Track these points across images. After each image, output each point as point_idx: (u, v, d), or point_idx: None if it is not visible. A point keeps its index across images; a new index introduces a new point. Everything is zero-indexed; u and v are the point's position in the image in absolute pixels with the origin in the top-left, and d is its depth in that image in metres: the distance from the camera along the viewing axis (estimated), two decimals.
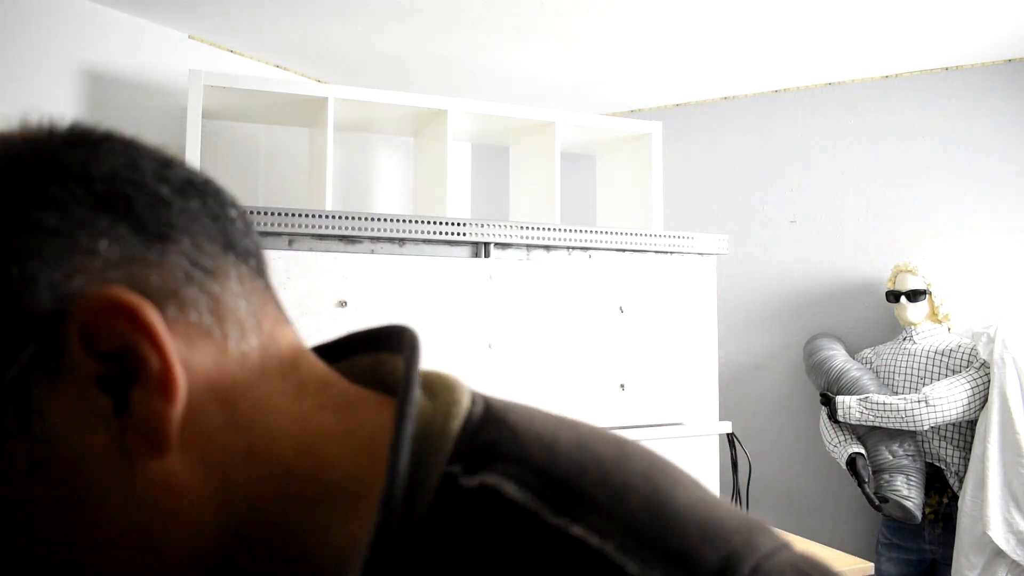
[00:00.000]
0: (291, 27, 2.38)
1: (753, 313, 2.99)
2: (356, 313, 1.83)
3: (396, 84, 2.85)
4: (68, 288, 0.31)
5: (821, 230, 2.91)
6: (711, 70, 2.76)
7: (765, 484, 2.80)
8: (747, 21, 2.32)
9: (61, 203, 0.33)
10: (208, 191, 0.39)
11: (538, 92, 2.97)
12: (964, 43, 2.51)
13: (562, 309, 2.06)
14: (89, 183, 0.34)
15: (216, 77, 2.03)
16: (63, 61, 2.14)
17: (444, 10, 2.25)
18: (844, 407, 2.40)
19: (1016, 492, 2.12)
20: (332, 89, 2.17)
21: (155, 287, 0.33)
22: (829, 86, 2.92)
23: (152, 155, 0.40)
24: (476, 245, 2.03)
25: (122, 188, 0.35)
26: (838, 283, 2.87)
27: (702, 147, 3.12)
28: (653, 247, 2.21)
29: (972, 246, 2.66)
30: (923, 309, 2.48)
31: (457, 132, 2.55)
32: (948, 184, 2.72)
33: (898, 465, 2.34)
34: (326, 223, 1.84)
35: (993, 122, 2.66)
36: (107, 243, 0.33)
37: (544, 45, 2.51)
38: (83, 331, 0.31)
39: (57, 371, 0.31)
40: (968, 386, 2.27)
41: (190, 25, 2.37)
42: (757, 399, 2.97)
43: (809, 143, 2.95)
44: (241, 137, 2.59)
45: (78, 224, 0.32)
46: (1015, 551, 2.10)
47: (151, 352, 0.32)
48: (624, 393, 2.11)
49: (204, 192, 0.39)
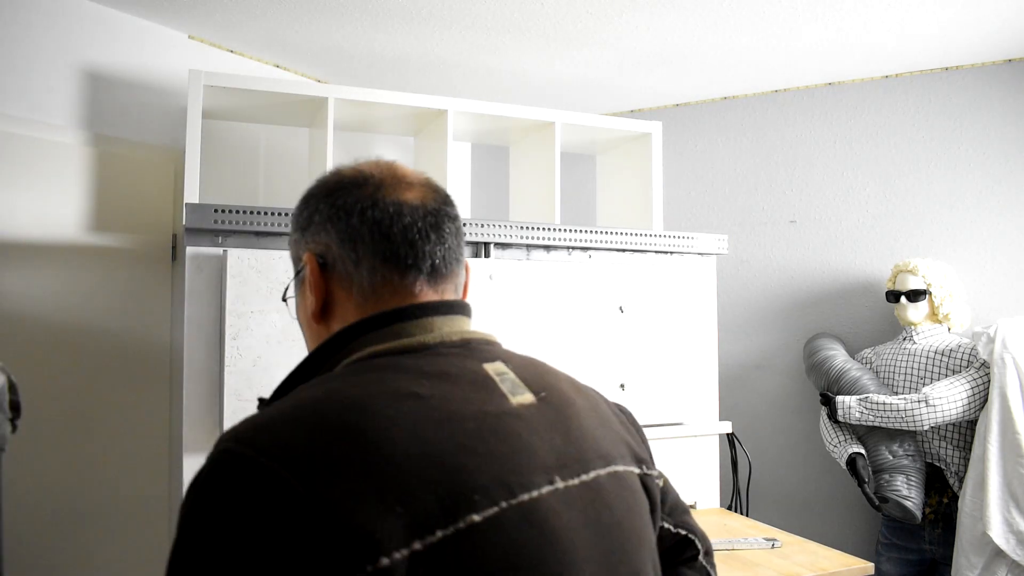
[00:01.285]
0: (291, 27, 2.38)
1: (753, 313, 3.00)
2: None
3: (396, 84, 2.85)
4: (308, 248, 0.80)
5: (821, 230, 2.91)
6: (711, 70, 2.76)
7: (765, 484, 2.80)
8: (747, 21, 2.32)
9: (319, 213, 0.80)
10: (393, 232, 0.77)
11: (538, 92, 2.97)
12: (964, 43, 2.51)
13: (562, 309, 2.06)
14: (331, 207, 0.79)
15: (216, 77, 2.03)
16: (63, 61, 2.14)
17: (444, 10, 2.25)
18: (844, 407, 2.40)
19: (1016, 492, 2.12)
20: (332, 89, 2.17)
21: (329, 259, 0.78)
22: (829, 86, 2.92)
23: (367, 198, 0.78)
24: (476, 245, 2.03)
25: (339, 214, 0.78)
26: (838, 283, 2.88)
27: (702, 147, 3.12)
28: (653, 247, 2.21)
29: (972, 246, 2.66)
30: (923, 309, 2.48)
31: (457, 132, 2.55)
32: (948, 184, 2.72)
33: (898, 465, 2.34)
34: None
35: (993, 122, 2.67)
36: (322, 235, 0.79)
37: (544, 45, 2.51)
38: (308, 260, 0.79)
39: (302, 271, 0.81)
40: (968, 386, 2.27)
41: (190, 25, 2.37)
42: (757, 399, 2.97)
43: (809, 143, 2.95)
44: (241, 137, 2.59)
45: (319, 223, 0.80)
46: (1015, 551, 2.10)
47: (311, 274, 0.79)
48: (624, 393, 2.11)
49: (390, 233, 0.77)
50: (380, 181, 0.79)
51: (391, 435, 0.60)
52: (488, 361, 0.73)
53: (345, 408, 0.62)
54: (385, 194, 0.78)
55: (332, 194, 0.79)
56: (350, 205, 0.77)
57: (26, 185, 2.05)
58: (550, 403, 0.72)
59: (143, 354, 2.27)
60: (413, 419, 0.62)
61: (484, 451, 0.63)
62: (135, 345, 2.24)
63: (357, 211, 0.77)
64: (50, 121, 2.11)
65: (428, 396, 0.65)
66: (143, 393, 2.26)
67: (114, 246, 2.22)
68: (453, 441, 0.62)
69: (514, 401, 0.70)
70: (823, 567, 1.68)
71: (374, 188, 0.78)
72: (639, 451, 0.81)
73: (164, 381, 2.32)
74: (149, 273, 2.30)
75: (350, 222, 0.77)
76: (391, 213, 0.76)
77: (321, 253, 0.78)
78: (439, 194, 0.82)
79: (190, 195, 1.96)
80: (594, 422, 0.76)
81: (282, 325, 1.77)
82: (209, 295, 1.77)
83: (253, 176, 2.64)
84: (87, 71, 2.20)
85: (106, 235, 2.21)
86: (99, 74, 2.23)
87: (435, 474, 0.59)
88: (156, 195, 2.34)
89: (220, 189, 2.48)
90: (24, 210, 2.04)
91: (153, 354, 2.29)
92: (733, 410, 2.86)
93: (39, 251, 2.07)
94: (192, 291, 1.76)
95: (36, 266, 2.06)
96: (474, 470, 0.61)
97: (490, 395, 0.69)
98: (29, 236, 2.05)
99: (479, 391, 0.69)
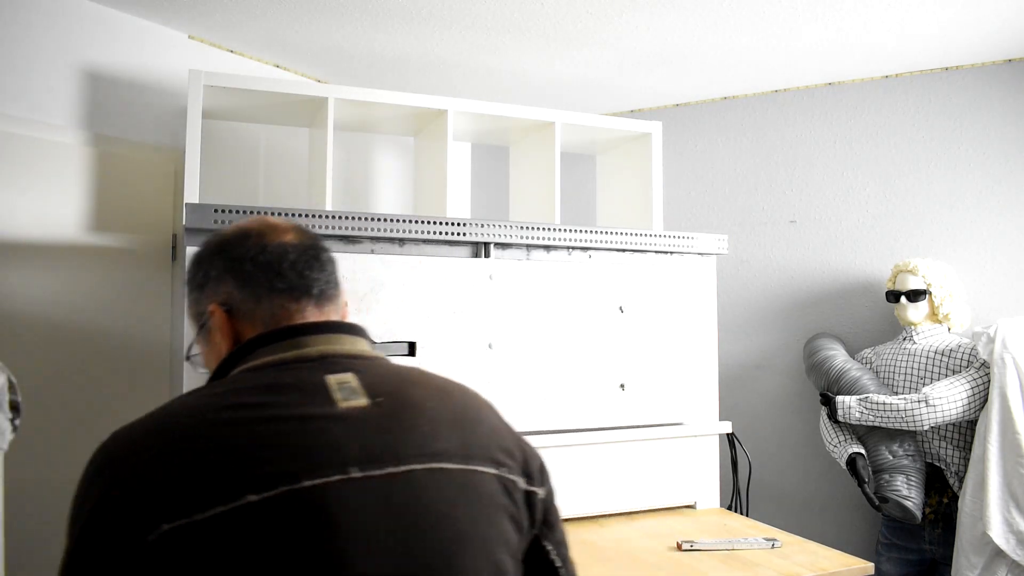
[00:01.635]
0: (291, 27, 2.38)
1: (753, 313, 3.00)
2: (356, 313, 1.83)
3: (396, 84, 2.85)
4: (210, 301, 0.93)
5: (821, 230, 2.91)
6: (711, 70, 2.76)
7: (765, 484, 2.80)
8: (747, 21, 2.32)
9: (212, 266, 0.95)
10: (281, 267, 0.93)
11: (538, 92, 2.98)
12: (964, 43, 2.51)
13: (562, 309, 2.06)
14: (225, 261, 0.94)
15: (216, 77, 2.03)
16: (63, 61, 2.14)
17: (444, 10, 2.25)
18: (844, 407, 2.40)
19: (1016, 492, 2.12)
20: (332, 89, 2.17)
21: (233, 304, 0.92)
22: (829, 86, 2.92)
23: (255, 246, 0.93)
24: (476, 245, 2.03)
25: (234, 264, 0.92)
26: (838, 283, 2.88)
27: (702, 147, 3.12)
28: (653, 247, 2.21)
29: (972, 246, 2.66)
30: (923, 309, 2.48)
31: (457, 132, 2.55)
32: (948, 184, 2.72)
33: (898, 465, 2.34)
34: (326, 223, 1.84)
35: (993, 122, 2.67)
36: (221, 286, 0.93)
37: (544, 45, 2.51)
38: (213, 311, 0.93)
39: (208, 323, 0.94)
40: (968, 386, 2.27)
41: (190, 25, 2.37)
42: (757, 399, 2.97)
43: (809, 143, 2.95)
44: (241, 137, 2.59)
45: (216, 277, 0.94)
46: (1015, 551, 2.10)
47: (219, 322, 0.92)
48: (624, 393, 2.11)
49: (279, 268, 0.92)
50: (260, 232, 0.95)
51: (201, 432, 0.74)
52: (336, 372, 0.84)
53: (179, 413, 0.78)
54: (268, 240, 0.93)
55: (223, 251, 0.94)
56: (242, 255, 0.92)
57: (26, 185, 2.05)
58: (384, 406, 0.82)
59: (143, 354, 2.27)
60: (227, 421, 0.75)
61: (282, 445, 0.74)
62: (135, 345, 2.24)
63: (249, 258, 0.92)
64: (50, 121, 2.11)
65: (254, 404, 0.78)
66: (143, 393, 2.26)
67: (114, 246, 2.22)
68: (255, 438, 0.74)
69: (342, 405, 0.80)
70: (823, 567, 1.68)
71: (257, 237, 0.94)
72: (509, 458, 0.88)
73: (164, 381, 2.32)
74: (149, 273, 2.30)
75: (244, 268, 0.91)
76: (278, 253, 0.92)
77: (224, 301, 0.92)
78: (310, 234, 0.99)
79: (190, 195, 1.96)
80: (437, 424, 0.84)
81: None
82: None
83: (253, 176, 2.64)
84: (87, 71, 2.20)
85: (106, 235, 2.21)
86: (99, 74, 2.23)
87: (228, 463, 0.71)
88: (156, 195, 2.34)
89: (220, 189, 2.48)
90: (24, 210, 2.05)
91: (153, 354, 2.29)
92: (733, 410, 2.86)
93: (39, 251, 2.07)
94: None
95: (36, 266, 2.06)
96: (266, 461, 0.72)
97: (317, 401, 0.80)
98: (29, 236, 2.05)
99: (307, 397, 0.80)
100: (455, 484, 0.81)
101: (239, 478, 0.71)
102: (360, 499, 0.75)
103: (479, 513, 0.82)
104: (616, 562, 1.74)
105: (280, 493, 0.71)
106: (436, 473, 0.80)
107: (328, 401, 0.80)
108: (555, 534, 0.94)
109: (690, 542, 1.83)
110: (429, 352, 1.90)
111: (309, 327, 0.89)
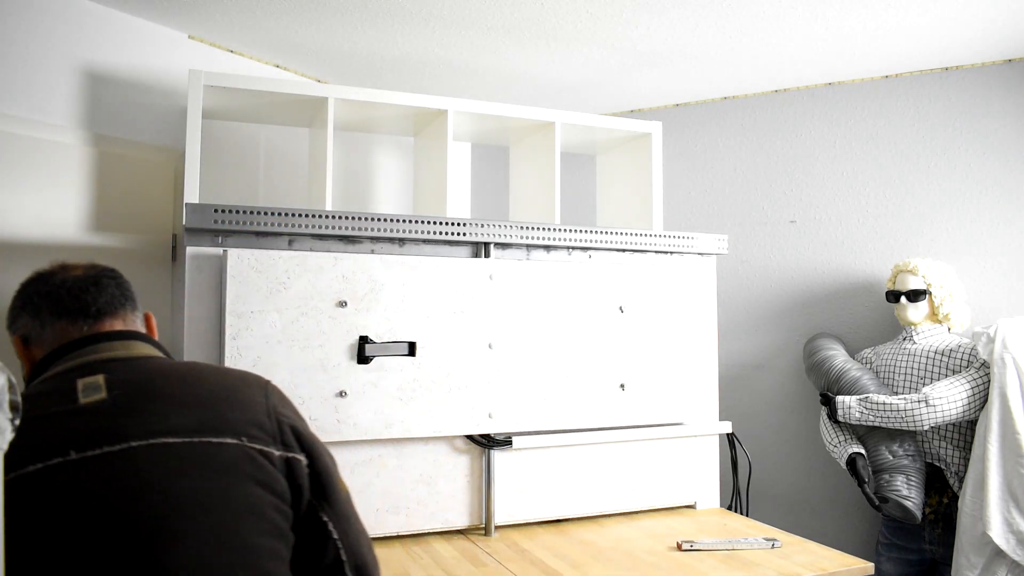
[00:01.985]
0: (291, 27, 2.38)
1: (753, 313, 3.00)
2: (356, 313, 1.84)
3: (396, 84, 2.85)
4: (13, 335, 1.16)
5: (821, 230, 2.91)
6: (711, 70, 2.76)
7: (765, 484, 2.80)
8: (747, 21, 2.32)
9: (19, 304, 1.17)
10: (60, 294, 1.13)
11: (538, 92, 2.97)
12: (964, 43, 2.51)
13: (562, 309, 2.06)
14: (21, 299, 1.16)
15: (216, 77, 2.03)
16: (63, 61, 2.14)
17: (444, 10, 2.25)
18: (844, 407, 2.40)
19: (1016, 492, 2.12)
20: (332, 89, 2.17)
21: (29, 335, 1.13)
22: (829, 86, 2.92)
23: (44, 283, 1.15)
24: (476, 245, 2.03)
25: (26, 301, 1.15)
26: (838, 283, 2.88)
27: (702, 147, 3.12)
28: (653, 247, 2.21)
29: (972, 246, 2.66)
30: (923, 309, 2.48)
31: (457, 132, 2.55)
32: (948, 184, 2.72)
33: (898, 465, 2.34)
34: (326, 223, 1.84)
35: (993, 122, 2.67)
36: (20, 321, 1.15)
37: (544, 45, 2.51)
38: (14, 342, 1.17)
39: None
40: (968, 386, 2.27)
41: (190, 25, 2.37)
42: (757, 399, 2.97)
43: (809, 143, 2.95)
44: (241, 137, 2.59)
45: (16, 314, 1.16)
46: (1015, 551, 2.10)
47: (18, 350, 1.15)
48: (624, 393, 2.11)
49: (58, 296, 1.12)
50: (52, 271, 1.17)
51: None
52: (87, 376, 1.01)
53: None
54: (56, 276, 1.15)
55: (22, 292, 1.16)
56: (32, 292, 1.14)
57: (26, 185, 2.05)
58: (119, 398, 0.99)
59: None
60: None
61: (30, 438, 0.89)
62: None
63: (37, 293, 1.13)
64: (50, 121, 2.11)
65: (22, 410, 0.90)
66: None
67: (114, 246, 2.22)
68: (18, 435, 0.80)
69: (82, 401, 0.97)
70: (823, 567, 1.68)
71: (48, 275, 1.16)
72: (259, 430, 1.02)
73: None
74: (149, 273, 2.30)
75: (33, 302, 1.13)
76: (58, 285, 1.14)
77: (23, 334, 1.13)
78: (99, 267, 1.20)
79: (190, 195, 1.96)
80: (171, 406, 0.99)
81: (282, 325, 1.77)
82: (209, 295, 1.77)
83: (253, 176, 2.64)
84: (87, 71, 2.20)
85: (106, 235, 2.21)
86: (99, 74, 2.23)
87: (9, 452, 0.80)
88: (156, 195, 2.34)
89: (220, 189, 2.48)
90: (24, 210, 2.05)
91: None
92: (733, 410, 2.86)
93: (39, 251, 2.06)
94: (192, 291, 1.76)
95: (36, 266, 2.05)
96: (22, 448, 0.85)
97: (62, 402, 0.97)
98: (29, 236, 2.05)
99: (54, 400, 0.98)
100: (180, 456, 0.96)
101: (9, 463, 0.87)
102: (76, 477, 0.90)
103: (213, 480, 0.95)
104: (616, 562, 1.74)
105: (15, 476, 0.88)
106: (157, 448, 0.95)
107: (71, 400, 0.97)
108: (334, 507, 1.06)
109: (690, 542, 1.83)
110: (429, 352, 1.90)
111: (78, 342, 1.08)
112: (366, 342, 1.83)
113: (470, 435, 1.97)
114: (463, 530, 1.99)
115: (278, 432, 1.03)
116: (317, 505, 1.04)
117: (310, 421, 1.77)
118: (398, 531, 1.90)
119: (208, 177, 2.38)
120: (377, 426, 1.84)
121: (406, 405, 1.87)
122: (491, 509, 1.98)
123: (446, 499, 1.95)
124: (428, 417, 1.89)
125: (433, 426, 1.90)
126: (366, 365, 1.83)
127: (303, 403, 1.77)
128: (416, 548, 1.85)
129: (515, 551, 1.83)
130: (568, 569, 1.68)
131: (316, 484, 1.04)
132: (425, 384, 1.89)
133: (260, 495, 0.97)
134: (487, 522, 1.98)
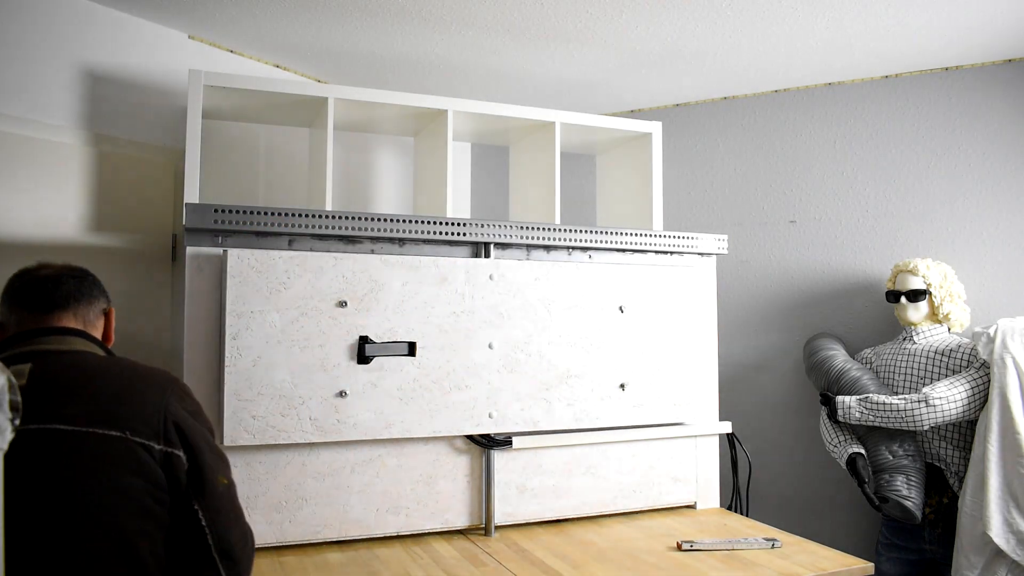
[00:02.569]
0: (291, 27, 2.38)
1: (753, 313, 3.00)
2: (356, 313, 1.84)
3: (396, 84, 2.85)
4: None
5: (821, 230, 2.91)
6: (711, 70, 2.76)
7: (765, 484, 2.80)
8: (747, 21, 2.32)
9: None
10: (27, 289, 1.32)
11: (538, 92, 2.98)
12: (964, 43, 2.51)
13: (562, 309, 2.06)
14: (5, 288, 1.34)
15: (216, 77, 2.03)
16: (63, 61, 2.14)
17: (444, 10, 2.25)
18: (844, 407, 2.40)
19: (1016, 492, 2.12)
20: (332, 89, 2.17)
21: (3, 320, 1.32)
22: (829, 86, 2.92)
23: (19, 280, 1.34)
24: (476, 245, 2.03)
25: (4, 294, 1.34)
26: (838, 283, 2.88)
27: (702, 147, 3.12)
28: (653, 247, 2.21)
29: (972, 246, 2.66)
30: (923, 309, 2.48)
31: (457, 132, 2.55)
32: (948, 184, 2.72)
33: (898, 465, 2.34)
34: (326, 223, 1.84)
35: (993, 122, 2.67)
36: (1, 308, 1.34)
37: (544, 45, 2.52)
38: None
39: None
40: (968, 386, 2.27)
41: (190, 25, 2.37)
42: (757, 399, 2.97)
43: (809, 143, 2.95)
44: (241, 137, 2.59)
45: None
46: (1015, 551, 2.10)
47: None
48: (624, 393, 2.11)
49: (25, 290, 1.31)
50: (29, 270, 1.34)
51: None
52: (18, 363, 1.16)
53: None
54: (30, 273, 1.33)
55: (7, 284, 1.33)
56: (11, 285, 1.32)
57: (26, 185, 2.05)
58: (35, 385, 1.14)
59: (143, 354, 2.27)
60: None
61: None
62: (135, 345, 2.24)
63: (12, 286, 1.32)
64: (50, 121, 2.11)
65: None
66: None
67: (114, 246, 2.22)
68: None
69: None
70: (823, 567, 1.68)
71: (26, 273, 1.33)
72: (143, 425, 1.17)
73: None
74: (149, 273, 2.30)
75: (9, 293, 1.32)
76: (28, 281, 1.32)
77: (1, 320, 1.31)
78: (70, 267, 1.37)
79: (190, 195, 1.96)
80: (70, 396, 1.15)
81: (282, 325, 1.77)
82: (209, 295, 1.77)
83: (253, 176, 2.64)
84: (87, 71, 2.20)
85: (106, 235, 2.21)
86: (99, 74, 2.23)
87: None
88: (156, 195, 2.34)
89: (220, 189, 2.48)
90: (24, 210, 2.05)
91: (153, 354, 2.29)
92: (733, 410, 2.86)
93: (39, 251, 2.06)
94: (192, 291, 1.76)
95: None
96: None
97: None
98: (29, 236, 2.05)
99: None
100: (69, 443, 1.12)
101: None
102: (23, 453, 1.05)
103: (92, 467, 1.12)
104: (616, 562, 1.74)
105: None
106: (50, 433, 1.11)
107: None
108: (206, 499, 1.21)
109: (690, 542, 1.83)
110: (429, 352, 1.90)
111: (25, 333, 1.26)
112: (366, 342, 1.83)
113: (470, 435, 1.97)
114: (463, 530, 1.99)
115: (162, 429, 1.18)
116: (192, 495, 1.19)
117: (310, 421, 1.78)
118: (398, 531, 1.90)
119: (208, 177, 2.38)
120: (377, 426, 1.84)
121: (406, 405, 1.87)
122: (491, 509, 1.98)
123: (446, 499, 1.95)
124: (428, 417, 1.89)
125: (433, 426, 1.90)
126: (366, 365, 1.83)
127: (303, 403, 1.77)
128: (416, 548, 1.85)
129: (515, 551, 1.83)
130: (568, 569, 1.68)
131: (193, 478, 1.20)
132: (425, 384, 1.89)
133: (136, 483, 1.14)
134: (487, 522, 1.98)
